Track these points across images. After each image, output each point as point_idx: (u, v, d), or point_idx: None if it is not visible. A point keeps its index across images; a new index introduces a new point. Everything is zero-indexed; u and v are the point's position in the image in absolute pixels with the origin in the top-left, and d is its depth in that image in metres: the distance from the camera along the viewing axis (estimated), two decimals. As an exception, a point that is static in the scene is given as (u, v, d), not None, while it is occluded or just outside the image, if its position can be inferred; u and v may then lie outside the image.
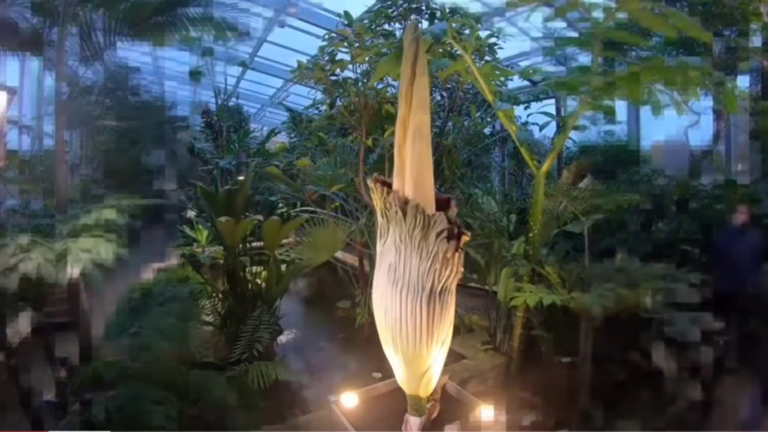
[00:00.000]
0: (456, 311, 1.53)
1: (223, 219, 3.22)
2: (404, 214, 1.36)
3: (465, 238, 1.47)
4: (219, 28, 3.40)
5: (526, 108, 4.88)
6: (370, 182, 1.48)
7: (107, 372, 2.12)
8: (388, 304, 1.42)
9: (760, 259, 2.82)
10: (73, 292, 2.45)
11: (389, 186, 1.45)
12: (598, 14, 2.14)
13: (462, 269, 1.45)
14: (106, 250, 2.02)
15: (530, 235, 2.69)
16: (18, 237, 2.02)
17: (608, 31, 2.17)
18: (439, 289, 1.39)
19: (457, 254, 1.40)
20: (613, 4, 2.04)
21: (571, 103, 2.48)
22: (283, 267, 3.73)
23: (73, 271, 1.95)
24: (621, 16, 2.14)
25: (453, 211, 1.52)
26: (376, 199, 1.45)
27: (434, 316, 1.39)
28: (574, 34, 2.56)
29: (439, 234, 1.36)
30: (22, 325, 2.18)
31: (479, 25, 2.59)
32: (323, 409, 2.41)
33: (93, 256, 1.99)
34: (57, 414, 2.04)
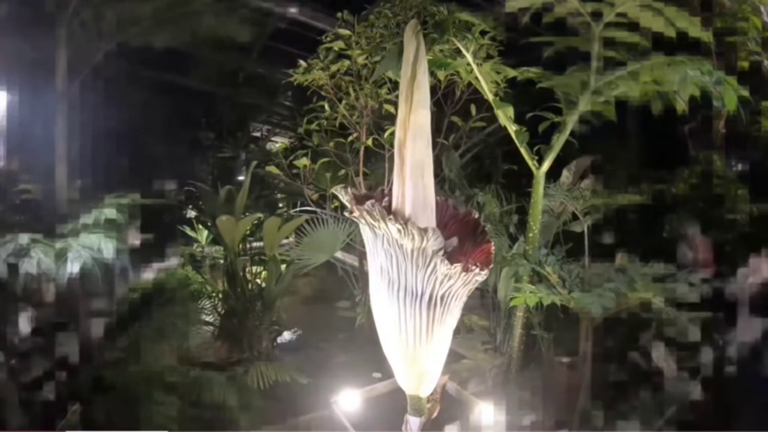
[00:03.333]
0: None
1: (223, 218, 3.23)
2: (386, 224, 1.21)
3: (488, 249, 1.31)
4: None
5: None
6: (335, 191, 1.34)
7: (107, 372, 2.12)
8: (385, 305, 1.37)
9: None
10: (72, 290, 2.46)
11: (367, 197, 1.34)
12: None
13: (478, 280, 1.27)
14: (106, 246, 2.03)
15: (530, 235, 2.68)
16: (18, 236, 2.03)
17: (607, 29, 2.17)
18: (440, 293, 1.29)
19: (469, 273, 1.23)
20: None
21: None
22: (283, 267, 3.73)
23: (73, 267, 1.95)
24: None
25: (473, 220, 1.44)
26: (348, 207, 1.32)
27: (435, 319, 1.32)
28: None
29: (436, 251, 1.20)
30: (21, 324, 2.18)
31: (480, 23, 2.59)
32: (323, 409, 2.41)
33: (94, 253, 2.00)
34: (57, 414, 2.04)
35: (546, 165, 2.55)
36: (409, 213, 1.34)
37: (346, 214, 1.35)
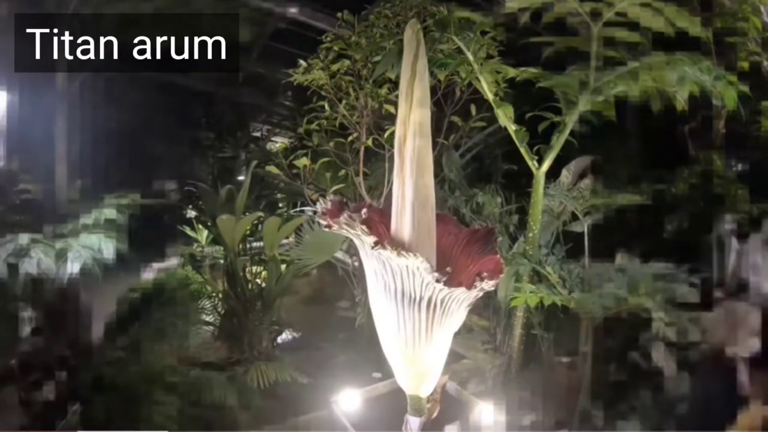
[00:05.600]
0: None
1: (224, 217, 3.23)
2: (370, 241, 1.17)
3: (497, 259, 1.29)
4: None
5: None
6: (318, 204, 1.31)
7: (107, 372, 2.12)
8: (383, 307, 1.34)
9: None
10: (72, 290, 2.46)
11: (357, 207, 1.29)
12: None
13: (485, 289, 1.23)
14: (106, 246, 2.03)
15: (530, 235, 2.68)
16: (18, 236, 2.03)
17: (606, 29, 2.18)
18: (440, 297, 1.24)
19: (472, 290, 1.20)
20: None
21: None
22: (283, 267, 3.73)
23: (73, 266, 1.96)
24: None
25: (486, 229, 1.42)
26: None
27: (434, 320, 1.29)
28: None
29: (429, 276, 1.16)
30: (21, 324, 2.18)
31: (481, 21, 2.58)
32: (323, 409, 2.41)
33: (94, 253, 2.00)
34: (57, 414, 2.04)
35: (546, 165, 2.55)
36: (408, 214, 1.33)
37: (325, 229, 1.28)
